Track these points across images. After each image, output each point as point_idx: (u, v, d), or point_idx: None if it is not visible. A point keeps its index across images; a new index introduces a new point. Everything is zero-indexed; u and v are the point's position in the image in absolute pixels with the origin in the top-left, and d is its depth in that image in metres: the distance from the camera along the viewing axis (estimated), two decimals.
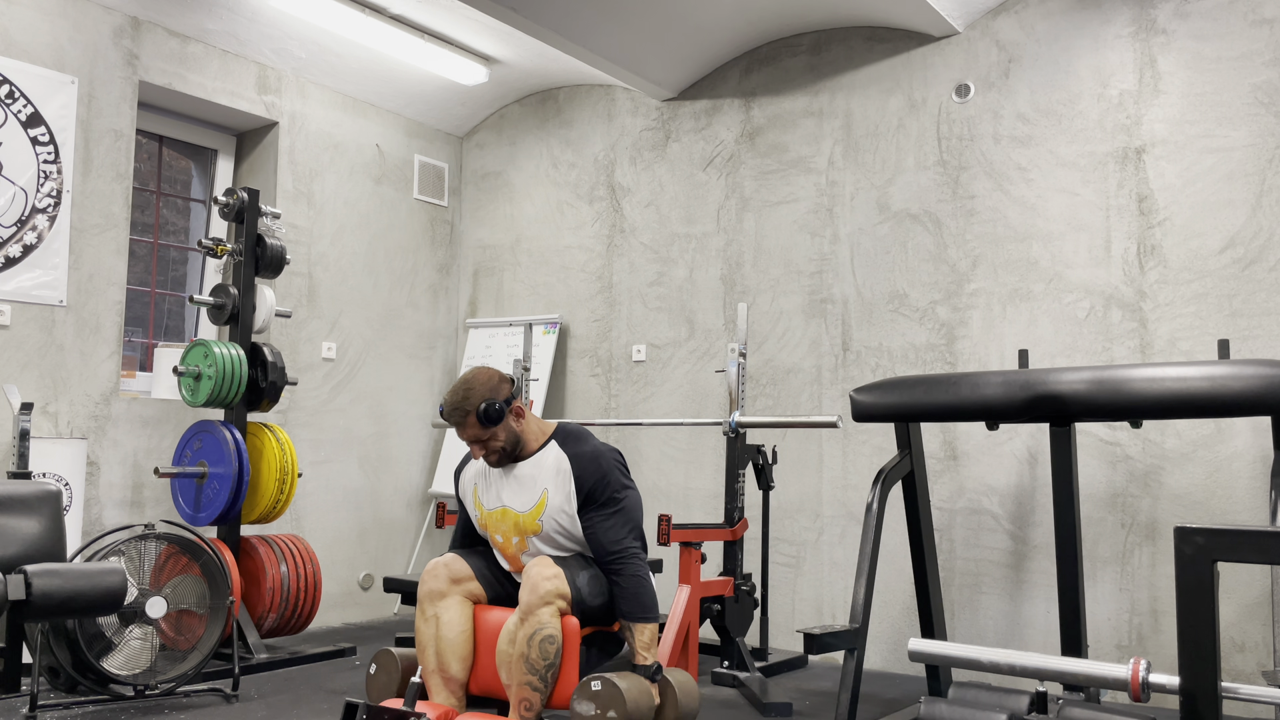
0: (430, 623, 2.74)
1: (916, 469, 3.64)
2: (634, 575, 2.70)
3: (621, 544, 2.71)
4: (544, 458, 2.81)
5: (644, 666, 2.65)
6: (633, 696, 2.51)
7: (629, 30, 4.71)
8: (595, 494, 2.73)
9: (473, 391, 2.75)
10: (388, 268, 5.67)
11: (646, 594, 2.70)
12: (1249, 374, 2.91)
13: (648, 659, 2.67)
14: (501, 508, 2.83)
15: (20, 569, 3.03)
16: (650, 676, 2.64)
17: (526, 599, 2.61)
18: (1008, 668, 2.36)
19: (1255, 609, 3.71)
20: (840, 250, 4.77)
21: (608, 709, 2.48)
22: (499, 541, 2.86)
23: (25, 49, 4.23)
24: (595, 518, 2.73)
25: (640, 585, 2.70)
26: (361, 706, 2.67)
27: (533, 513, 2.77)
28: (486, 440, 2.76)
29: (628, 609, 2.69)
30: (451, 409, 2.76)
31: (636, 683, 2.57)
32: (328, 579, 5.26)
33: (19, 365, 4.16)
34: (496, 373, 2.81)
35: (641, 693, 2.56)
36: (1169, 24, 4.05)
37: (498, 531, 2.85)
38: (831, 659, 4.56)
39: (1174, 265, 3.98)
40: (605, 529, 2.72)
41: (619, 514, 2.74)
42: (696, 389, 5.14)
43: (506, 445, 2.79)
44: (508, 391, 2.79)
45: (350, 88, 5.44)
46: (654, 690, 2.64)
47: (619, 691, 2.48)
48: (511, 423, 2.79)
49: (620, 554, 2.71)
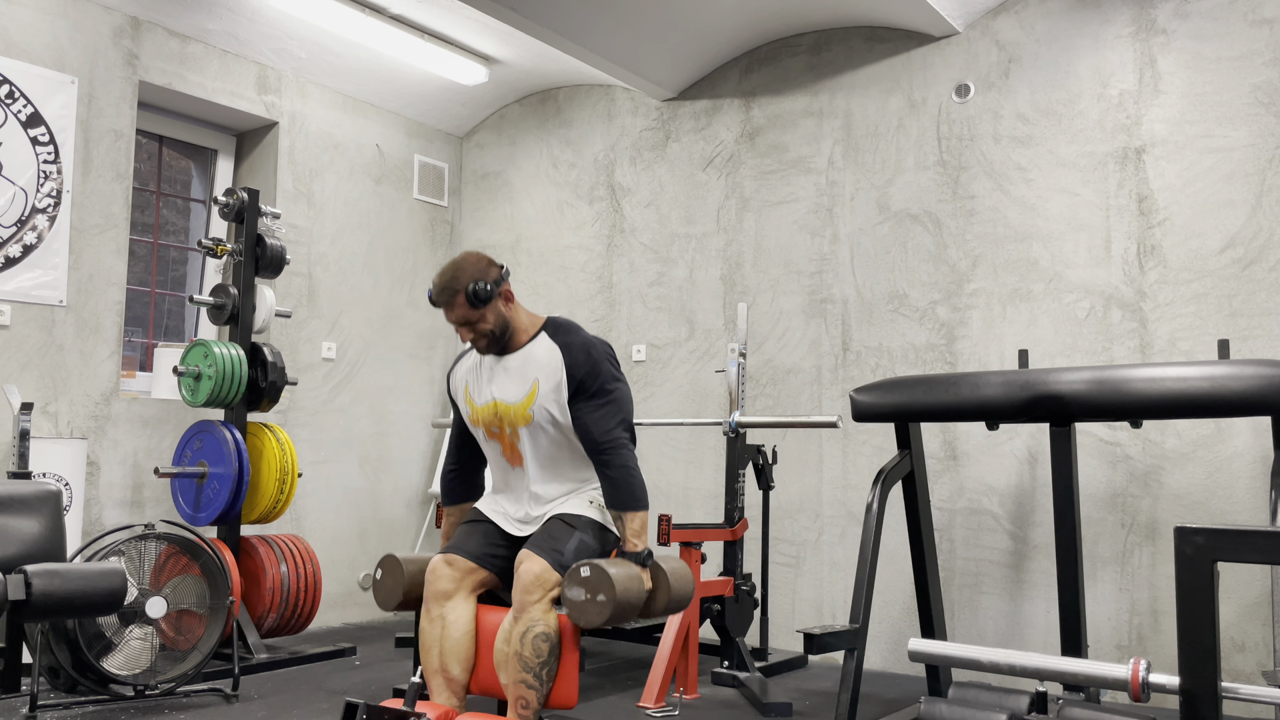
0: (436, 623, 2.74)
1: (916, 469, 3.64)
2: (623, 466, 2.68)
3: (611, 434, 2.69)
4: (534, 349, 2.77)
5: (635, 553, 2.65)
6: (622, 581, 2.51)
7: (629, 30, 4.71)
8: (586, 384, 2.70)
9: (462, 271, 2.71)
10: (388, 268, 5.67)
11: (636, 484, 2.69)
12: (1249, 374, 2.91)
13: (638, 546, 2.66)
14: (492, 401, 2.79)
15: (20, 569, 3.03)
16: (641, 562, 2.64)
17: (518, 598, 2.60)
18: (1008, 668, 2.36)
19: (1255, 609, 3.71)
20: (840, 250, 4.77)
21: (597, 593, 2.48)
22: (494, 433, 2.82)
23: (25, 49, 4.23)
24: (586, 408, 2.70)
25: (629, 475, 2.68)
26: (361, 706, 2.66)
27: (524, 403, 2.73)
28: (475, 322, 2.71)
29: (618, 499, 2.68)
30: (440, 289, 2.72)
31: (626, 568, 2.57)
32: (328, 579, 5.26)
33: (19, 365, 4.16)
34: (486, 256, 2.78)
35: (631, 578, 2.56)
36: (1169, 24, 4.05)
37: (492, 424, 2.81)
38: (831, 659, 4.56)
39: (1174, 265, 3.98)
40: (595, 419, 2.69)
41: (610, 405, 2.71)
42: (696, 389, 5.14)
43: (495, 329, 2.74)
44: (497, 274, 2.74)
45: (350, 88, 5.44)
46: (645, 575, 2.63)
47: (608, 576, 2.48)
48: (500, 306, 2.74)
49: (610, 444, 2.68)
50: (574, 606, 2.52)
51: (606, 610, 2.48)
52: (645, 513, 2.71)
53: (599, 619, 2.49)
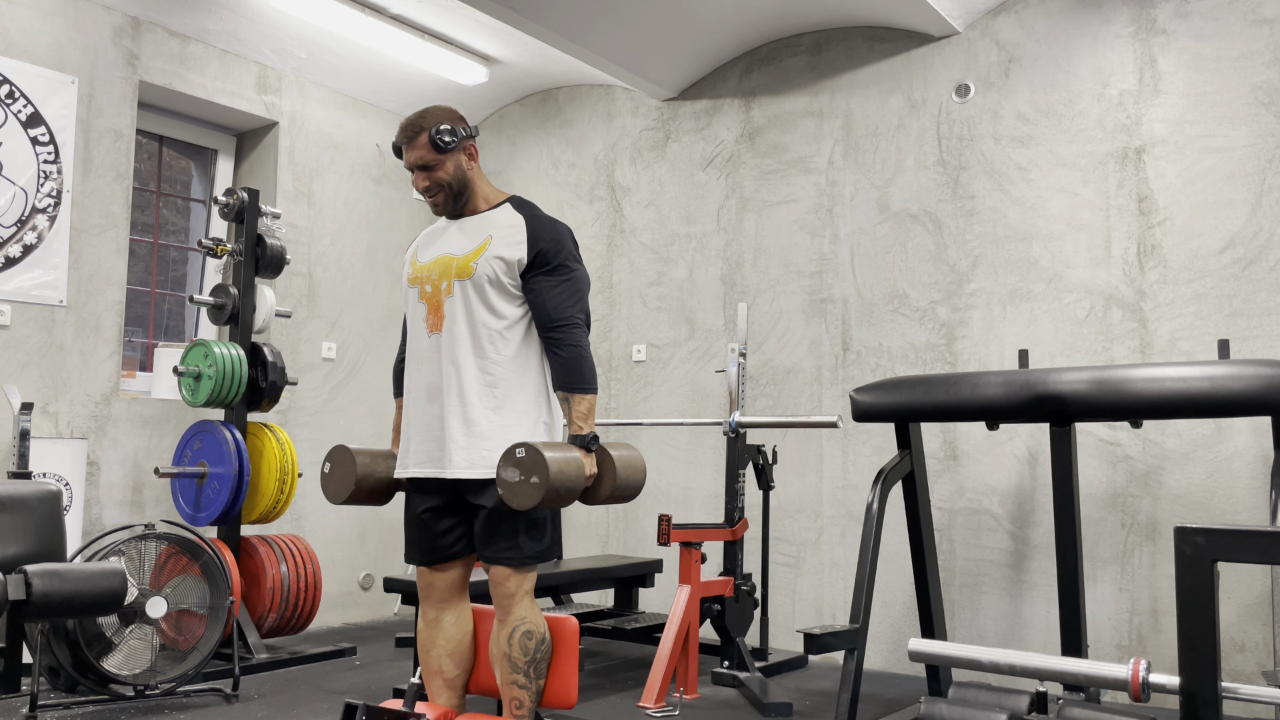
0: (432, 625, 2.74)
1: (916, 469, 3.64)
2: (573, 345, 2.59)
3: (567, 312, 2.60)
4: (495, 214, 2.69)
5: (579, 436, 2.57)
6: (558, 465, 2.43)
7: (629, 30, 4.71)
8: (547, 256, 2.61)
9: (430, 114, 2.65)
10: (388, 268, 5.67)
11: (586, 365, 2.60)
12: (1249, 374, 2.91)
13: (583, 428, 2.58)
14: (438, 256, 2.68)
15: (20, 569, 3.03)
16: (586, 446, 2.57)
17: (497, 603, 2.60)
18: (1008, 668, 2.36)
19: (1255, 609, 3.71)
20: (840, 250, 4.77)
21: (530, 475, 2.41)
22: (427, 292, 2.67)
23: (25, 49, 4.23)
24: (545, 283, 2.60)
25: (579, 355, 2.59)
26: (361, 707, 2.66)
27: (470, 255, 2.62)
28: (433, 168, 2.63)
29: (566, 380, 2.59)
30: (405, 126, 2.65)
31: (564, 451, 2.49)
32: (328, 579, 5.26)
33: (19, 365, 4.16)
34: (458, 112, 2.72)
35: (568, 460, 2.48)
36: (1169, 24, 4.05)
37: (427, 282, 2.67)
38: (831, 659, 4.56)
39: (1174, 265, 3.98)
40: (553, 295, 2.60)
41: (567, 283, 2.62)
42: (696, 389, 5.14)
43: (454, 184, 2.66)
44: (465, 128, 2.68)
45: (350, 88, 5.44)
46: (589, 460, 2.57)
47: (542, 458, 2.41)
48: (462, 159, 2.67)
49: (564, 322, 2.59)
50: (507, 488, 2.43)
51: (539, 492, 2.40)
52: (594, 396, 2.61)
53: (531, 501, 2.41)
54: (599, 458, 2.60)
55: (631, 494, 2.67)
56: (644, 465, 2.71)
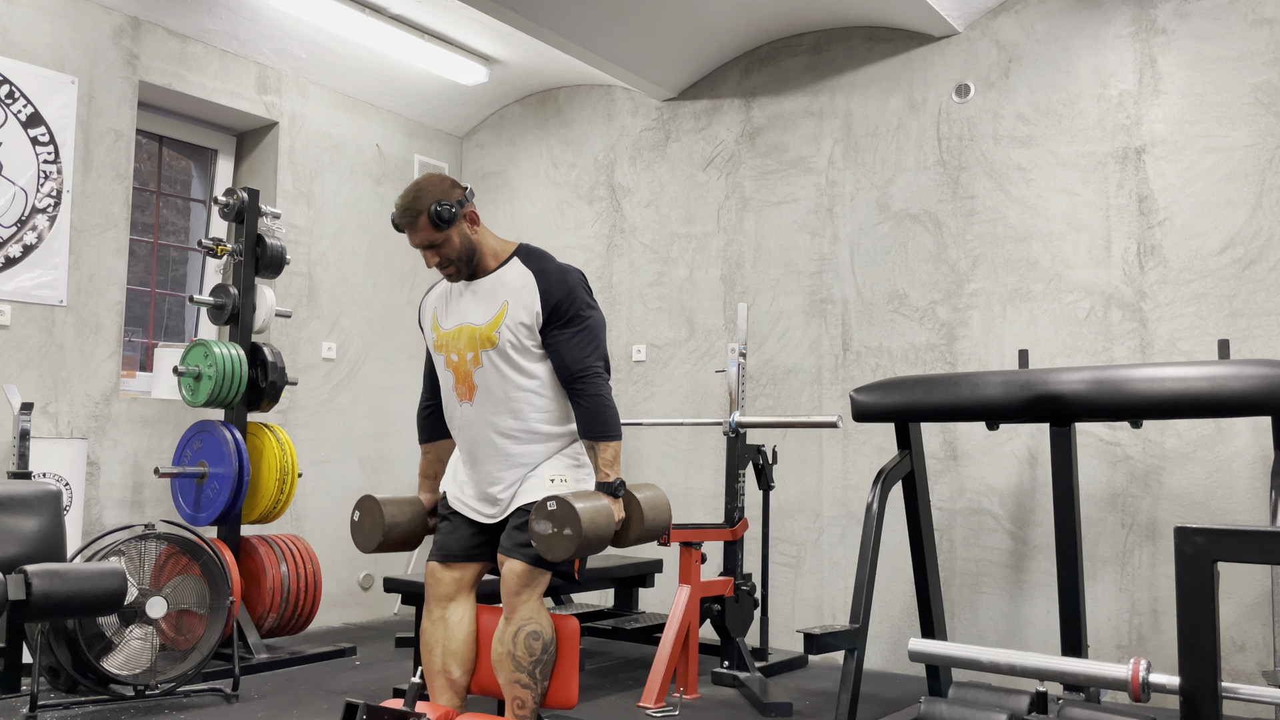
0: (438, 624, 2.74)
1: (916, 469, 3.64)
2: (596, 395, 2.64)
3: (585, 363, 2.65)
4: (506, 273, 2.71)
5: (607, 483, 2.63)
6: (589, 515, 2.50)
7: (629, 30, 4.71)
8: (560, 310, 2.65)
9: (424, 192, 2.64)
10: (388, 268, 5.67)
11: (609, 413, 2.66)
12: (1249, 374, 2.91)
13: (610, 476, 2.64)
14: (460, 325, 2.72)
15: (20, 569, 3.03)
16: (613, 492, 2.62)
17: (506, 600, 2.60)
18: (1008, 668, 2.36)
19: (1255, 609, 3.71)
20: (840, 250, 4.77)
21: (563, 527, 2.47)
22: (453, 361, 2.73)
23: (25, 49, 4.24)
24: (559, 336, 2.65)
25: (603, 405, 2.65)
26: (361, 707, 2.66)
27: (491, 324, 2.67)
28: (440, 245, 2.65)
29: (590, 429, 2.65)
30: (402, 210, 2.65)
31: (594, 500, 2.55)
32: (328, 579, 5.26)
33: (19, 365, 4.16)
34: (449, 177, 2.72)
35: (598, 510, 2.54)
36: (1169, 24, 4.05)
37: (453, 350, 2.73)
38: (831, 659, 4.56)
39: (1174, 265, 3.98)
40: (570, 348, 2.65)
41: (583, 333, 2.67)
42: (696, 389, 5.14)
43: (462, 254, 2.68)
44: (460, 195, 2.68)
45: (350, 88, 5.44)
46: (616, 506, 2.62)
47: (574, 510, 2.47)
48: (465, 229, 2.68)
49: (584, 373, 2.64)
50: (541, 540, 2.50)
51: (573, 544, 2.46)
52: (618, 442, 2.67)
53: (565, 553, 2.47)
54: (626, 502, 2.67)
55: (659, 534, 2.74)
56: (669, 504, 2.78)
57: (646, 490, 2.72)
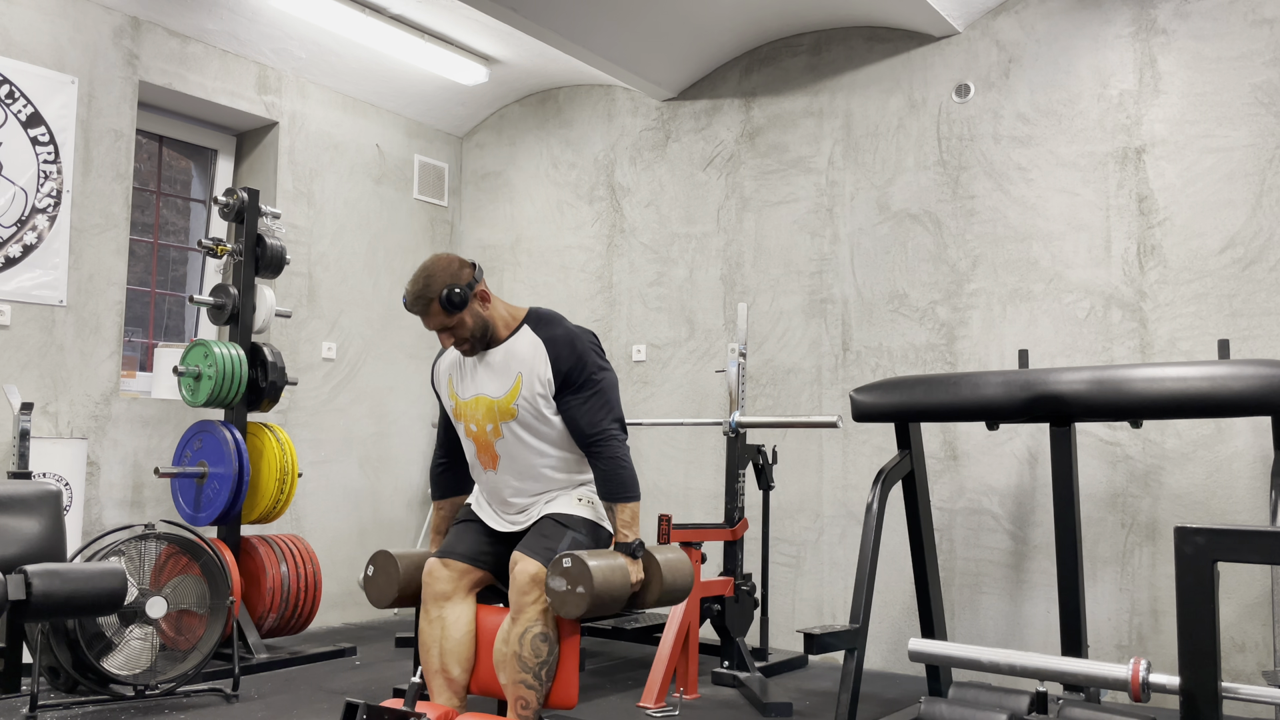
0: (436, 624, 2.74)
1: (916, 469, 3.64)
2: (613, 457, 2.67)
3: (600, 426, 2.68)
4: (517, 343, 2.75)
5: (625, 544, 2.65)
6: (603, 573, 2.51)
7: (629, 30, 4.71)
8: (572, 377, 2.69)
9: (433, 278, 2.67)
10: (388, 268, 5.67)
11: (626, 474, 2.69)
12: (1249, 374, 2.91)
13: (629, 537, 2.66)
14: (476, 396, 2.78)
15: (20, 569, 3.03)
16: (631, 553, 2.64)
17: (515, 599, 2.61)
18: (1008, 668, 2.36)
19: (1255, 609, 3.71)
20: (840, 250, 4.77)
21: (577, 585, 2.49)
22: (473, 431, 2.79)
23: (25, 49, 4.24)
24: (573, 401, 2.69)
25: (620, 466, 2.68)
26: (362, 706, 2.66)
27: (508, 397, 2.71)
28: (454, 328, 2.69)
29: (608, 490, 2.68)
30: (414, 299, 2.69)
31: (610, 559, 2.57)
32: (328, 579, 5.26)
33: (19, 365, 4.16)
34: (457, 258, 2.74)
35: (614, 569, 2.56)
36: (1169, 24, 4.05)
37: (472, 420, 2.79)
38: (831, 659, 4.56)
39: (1174, 265, 3.98)
40: (584, 412, 2.68)
41: (596, 396, 2.70)
42: (696, 389, 5.14)
43: (475, 332, 2.71)
44: (470, 276, 2.70)
45: (350, 88, 5.44)
46: (635, 567, 2.63)
47: (588, 569, 2.49)
48: (478, 308, 2.71)
49: (599, 436, 2.68)
50: (555, 596, 2.52)
51: (585, 602, 2.48)
52: (636, 503, 2.70)
53: (578, 611, 2.49)
54: (645, 563, 2.68)
55: (680, 596, 2.75)
56: (690, 566, 2.78)
57: (668, 552, 2.74)
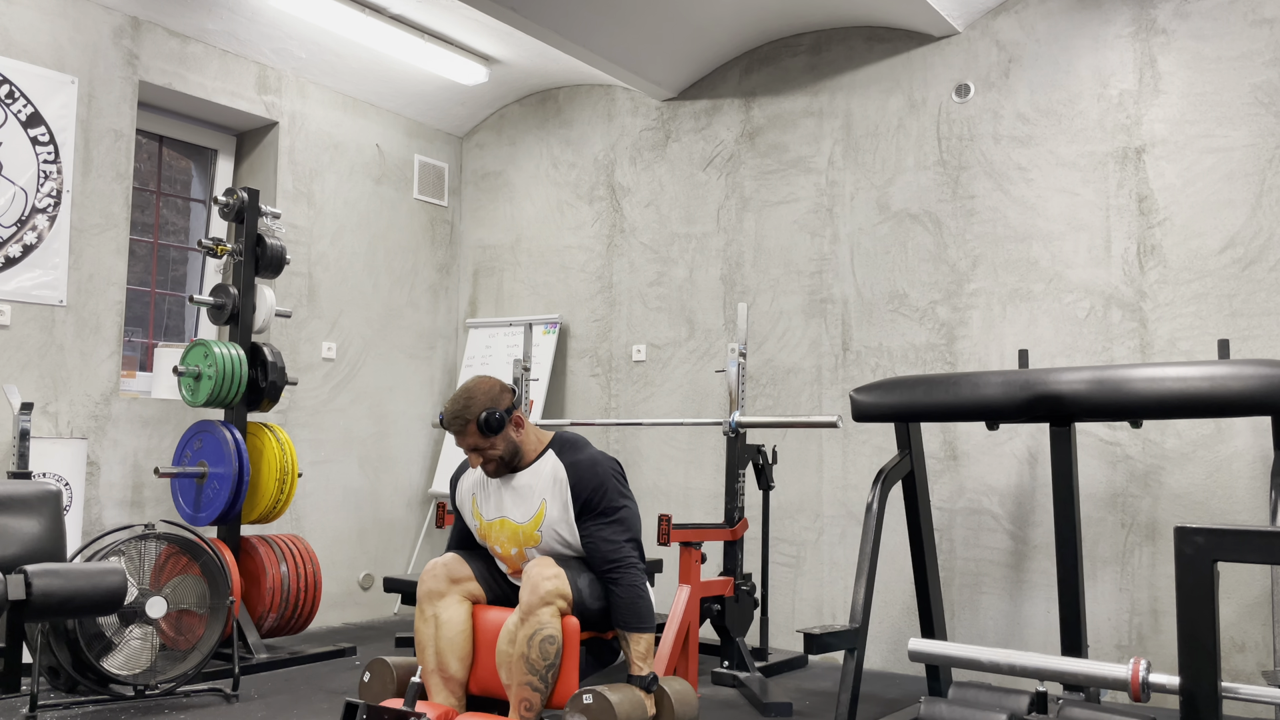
0: (429, 623, 2.75)
1: (916, 469, 3.64)
2: (631, 585, 2.70)
3: (619, 553, 2.72)
4: (541, 467, 2.82)
5: (639, 677, 2.67)
6: (624, 710, 2.52)
7: (629, 30, 4.71)
8: (592, 502, 2.74)
9: (474, 400, 2.75)
10: (388, 268, 5.67)
11: (644, 604, 2.71)
12: (1249, 374, 2.91)
13: (643, 669, 2.68)
14: (501, 519, 2.84)
15: (20, 569, 3.02)
16: (645, 687, 2.66)
17: (527, 599, 2.61)
18: (1008, 668, 2.36)
19: (1255, 609, 3.71)
20: (840, 250, 4.77)
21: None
22: (498, 551, 2.88)
23: (25, 49, 4.23)
24: (592, 526, 2.74)
25: (637, 595, 2.70)
26: (361, 707, 2.67)
27: (531, 524, 2.78)
28: (485, 449, 2.77)
29: (624, 619, 2.70)
30: (452, 417, 2.77)
31: (629, 694, 2.58)
32: (328, 579, 5.26)
33: (19, 365, 4.16)
34: (498, 382, 2.83)
35: (634, 705, 2.57)
36: (1169, 24, 4.05)
37: (497, 542, 2.86)
38: (831, 659, 4.56)
39: (1174, 265, 3.98)
40: (602, 538, 2.72)
41: (616, 523, 2.74)
42: (696, 389, 5.14)
43: (505, 455, 2.80)
44: (509, 401, 2.80)
45: (350, 88, 5.44)
46: (649, 701, 2.65)
47: (609, 705, 2.49)
48: (511, 433, 2.80)
49: (618, 563, 2.71)
50: None
51: None
52: (651, 635, 2.72)
53: None
54: (657, 698, 2.70)
55: None
56: (696, 700, 2.81)
57: (674, 684, 2.75)
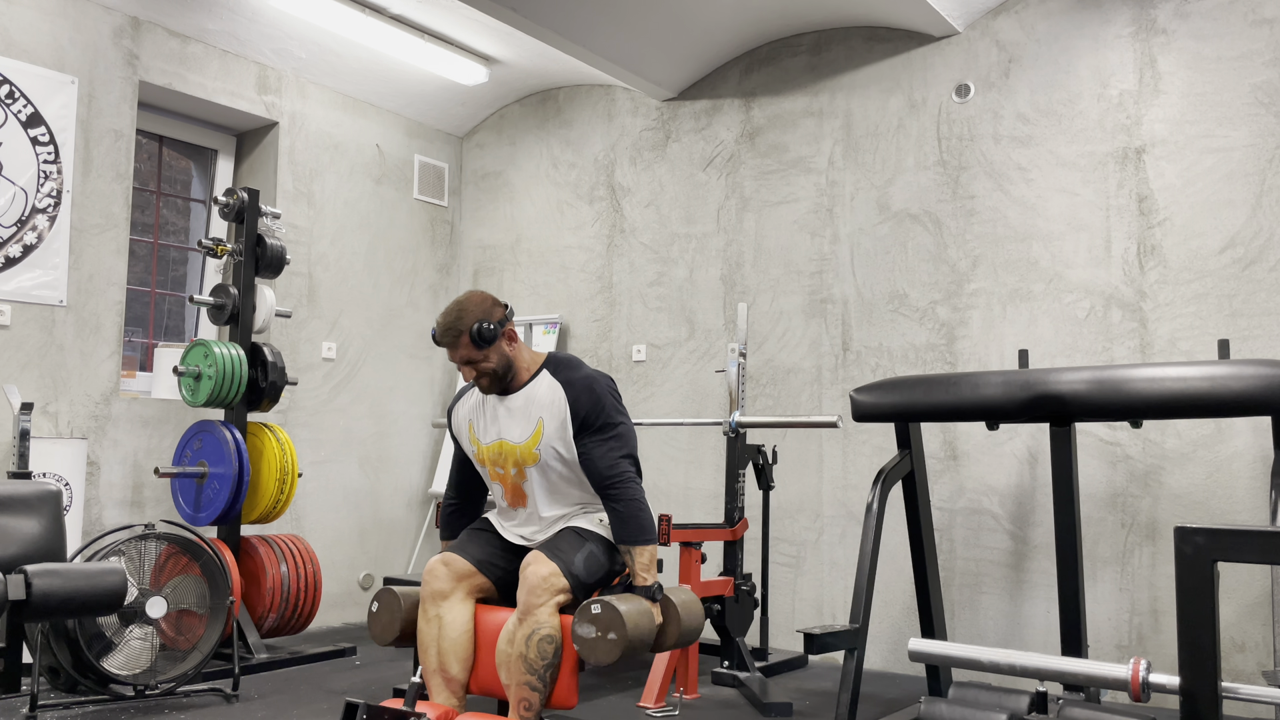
0: (433, 623, 2.74)
1: (916, 469, 3.64)
2: (631, 500, 2.69)
3: (618, 468, 2.70)
4: (536, 387, 2.79)
5: (645, 587, 2.66)
6: (633, 618, 2.51)
7: (629, 30, 4.71)
8: (590, 420, 2.72)
9: (466, 312, 2.73)
10: (388, 268, 5.67)
11: (644, 517, 2.70)
12: (1249, 374, 2.91)
13: (648, 580, 2.67)
14: (498, 441, 2.82)
15: (20, 569, 3.03)
16: (651, 596, 2.65)
17: (524, 599, 2.61)
18: (1008, 668, 2.36)
19: (1255, 609, 3.71)
20: (840, 250, 4.77)
21: (608, 631, 2.48)
22: (498, 474, 2.84)
23: (25, 49, 4.23)
24: (590, 443, 2.72)
25: (638, 509, 2.69)
26: (361, 706, 2.66)
27: (529, 442, 2.76)
28: (478, 362, 2.75)
29: (626, 533, 2.69)
30: (444, 329, 2.74)
31: (637, 604, 2.57)
32: (328, 579, 5.26)
33: (19, 365, 4.16)
34: (490, 296, 2.81)
35: (642, 614, 2.56)
36: (1169, 24, 4.05)
37: (497, 464, 2.83)
38: (831, 659, 4.56)
39: (1174, 265, 3.98)
40: (601, 454, 2.71)
41: (614, 439, 2.73)
42: (696, 389, 5.14)
43: (498, 369, 2.77)
44: (501, 314, 2.77)
45: (350, 88, 5.44)
46: (655, 610, 2.64)
47: (619, 614, 2.48)
48: (504, 346, 2.77)
49: (617, 478, 2.69)
50: (584, 644, 2.51)
51: (618, 649, 2.47)
52: (654, 546, 2.71)
53: (610, 657, 2.48)
54: (663, 607, 2.69)
55: (694, 638, 2.76)
56: (702, 608, 2.79)
57: (681, 594, 2.74)
